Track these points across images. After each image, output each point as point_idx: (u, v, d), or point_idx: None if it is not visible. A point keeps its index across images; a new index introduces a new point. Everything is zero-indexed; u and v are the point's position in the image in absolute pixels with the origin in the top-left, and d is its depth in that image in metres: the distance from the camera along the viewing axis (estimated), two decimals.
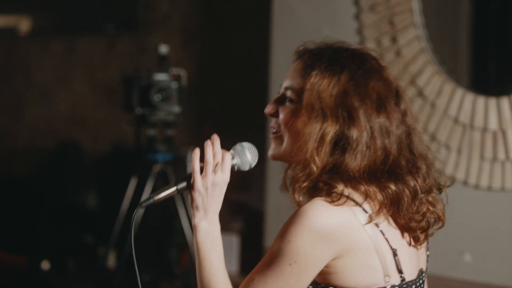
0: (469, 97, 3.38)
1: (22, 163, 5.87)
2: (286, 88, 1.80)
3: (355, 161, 1.70)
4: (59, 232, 5.02)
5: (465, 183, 3.38)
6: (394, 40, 3.58)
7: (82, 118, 5.76)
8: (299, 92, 1.76)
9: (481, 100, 3.35)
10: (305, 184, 1.72)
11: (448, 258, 3.45)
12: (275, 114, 1.81)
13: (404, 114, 1.77)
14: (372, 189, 1.69)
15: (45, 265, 4.80)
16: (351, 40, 3.70)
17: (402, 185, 1.71)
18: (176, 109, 3.83)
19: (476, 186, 3.36)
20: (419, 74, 3.52)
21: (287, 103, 1.79)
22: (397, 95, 1.77)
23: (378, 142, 1.71)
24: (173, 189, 1.78)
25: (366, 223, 1.67)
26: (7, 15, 5.99)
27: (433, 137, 3.48)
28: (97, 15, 5.64)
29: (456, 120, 3.41)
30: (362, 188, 1.69)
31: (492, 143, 3.30)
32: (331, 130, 1.71)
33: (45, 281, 4.73)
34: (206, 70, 5.27)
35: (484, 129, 3.32)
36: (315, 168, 1.70)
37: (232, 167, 1.80)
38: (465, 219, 3.40)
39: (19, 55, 5.96)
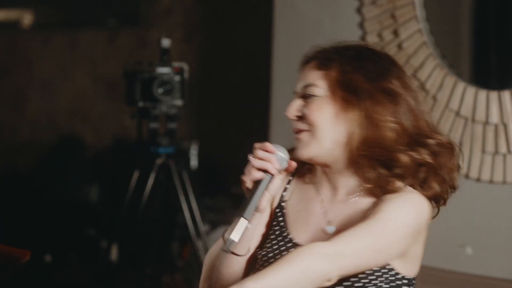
0: (471, 90, 3.38)
1: (24, 157, 5.88)
2: (306, 86, 1.73)
3: None
4: (61, 226, 5.03)
5: (466, 176, 3.38)
6: (395, 33, 3.59)
7: (84, 112, 5.77)
8: (322, 84, 1.72)
9: (482, 94, 3.35)
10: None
11: (449, 251, 3.45)
12: (301, 116, 1.73)
13: None
14: None
15: (48, 258, 4.82)
16: (353, 34, 3.70)
17: None
18: (178, 102, 3.82)
19: (478, 179, 3.36)
20: (420, 67, 3.52)
21: (313, 100, 1.72)
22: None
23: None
24: (244, 223, 1.71)
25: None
26: (10, 9, 5.99)
27: None
28: (98, 9, 5.64)
29: (457, 114, 3.41)
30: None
31: (494, 136, 3.31)
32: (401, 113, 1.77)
33: (47, 275, 4.74)
34: (207, 64, 5.28)
35: (486, 123, 3.33)
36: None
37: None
38: (466, 212, 3.40)
39: (21, 49, 5.97)
